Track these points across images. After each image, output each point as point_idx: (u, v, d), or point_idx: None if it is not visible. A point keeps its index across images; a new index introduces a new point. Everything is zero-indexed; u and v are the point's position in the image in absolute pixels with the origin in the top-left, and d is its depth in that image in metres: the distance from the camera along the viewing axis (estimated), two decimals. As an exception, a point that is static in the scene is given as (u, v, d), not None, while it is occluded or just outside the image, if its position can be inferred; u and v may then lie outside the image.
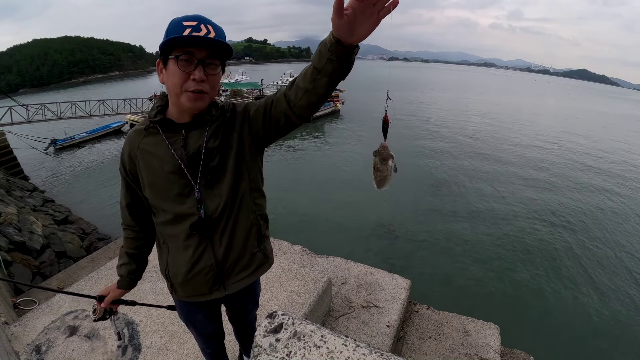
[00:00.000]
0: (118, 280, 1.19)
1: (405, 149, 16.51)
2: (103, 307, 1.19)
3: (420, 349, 2.20)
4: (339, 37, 0.73)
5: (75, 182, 12.78)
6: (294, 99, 0.87)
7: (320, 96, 0.85)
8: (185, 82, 0.87)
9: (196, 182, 0.96)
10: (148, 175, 0.98)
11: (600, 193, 12.77)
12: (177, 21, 0.87)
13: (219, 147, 0.97)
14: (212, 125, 0.97)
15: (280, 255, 2.89)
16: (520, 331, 5.49)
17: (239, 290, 1.10)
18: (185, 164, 0.95)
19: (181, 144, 0.95)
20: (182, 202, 0.97)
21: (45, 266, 5.65)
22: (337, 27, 0.71)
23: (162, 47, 0.87)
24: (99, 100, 18.30)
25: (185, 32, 0.84)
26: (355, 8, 0.68)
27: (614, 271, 7.79)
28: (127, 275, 1.17)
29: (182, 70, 0.86)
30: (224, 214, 0.99)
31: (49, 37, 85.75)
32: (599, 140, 23.33)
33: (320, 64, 0.78)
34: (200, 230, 0.98)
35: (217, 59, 0.90)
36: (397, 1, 0.67)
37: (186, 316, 1.25)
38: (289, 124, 0.94)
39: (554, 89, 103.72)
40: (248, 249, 1.07)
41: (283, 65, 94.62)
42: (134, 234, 1.14)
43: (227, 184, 0.98)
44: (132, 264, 1.17)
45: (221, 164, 0.97)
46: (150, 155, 0.97)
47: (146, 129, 0.98)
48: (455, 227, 9.37)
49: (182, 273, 1.04)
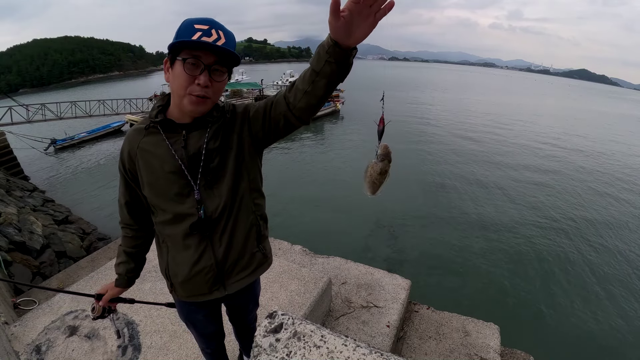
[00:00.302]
0: (116, 278, 1.19)
1: (406, 149, 16.51)
2: (101, 306, 1.19)
3: (420, 349, 2.20)
4: (336, 39, 0.73)
5: (75, 182, 12.77)
6: (294, 101, 0.88)
7: (319, 98, 0.85)
8: (189, 85, 0.87)
9: (196, 182, 0.97)
10: (147, 175, 0.98)
11: (602, 195, 12.76)
12: (189, 23, 0.87)
13: (219, 148, 0.97)
14: (212, 126, 0.98)
15: (280, 255, 2.89)
16: (520, 331, 5.49)
17: (239, 290, 1.11)
18: (185, 164, 0.95)
19: (182, 144, 0.95)
20: (182, 202, 0.98)
21: (45, 266, 5.65)
22: (334, 29, 0.72)
23: (171, 48, 0.88)
24: (99, 100, 18.30)
25: (195, 36, 0.84)
26: (352, 10, 0.68)
27: (615, 272, 7.79)
28: (125, 273, 1.17)
29: (188, 73, 0.86)
30: (224, 214, 1.00)
31: (49, 37, 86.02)
32: (600, 141, 23.32)
33: (318, 66, 0.79)
34: (200, 231, 0.99)
35: (224, 66, 0.90)
36: (393, 3, 0.67)
37: (186, 316, 1.26)
38: (288, 126, 0.94)
39: (554, 89, 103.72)
40: (248, 249, 1.08)
41: (283, 65, 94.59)
42: (132, 233, 1.14)
43: (226, 185, 0.98)
44: (131, 262, 1.17)
45: (221, 164, 0.98)
46: (150, 154, 0.97)
47: (146, 128, 0.98)
48: (456, 228, 9.36)
49: (182, 273, 1.04)
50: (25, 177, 12.69)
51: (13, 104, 14.69)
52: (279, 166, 14.33)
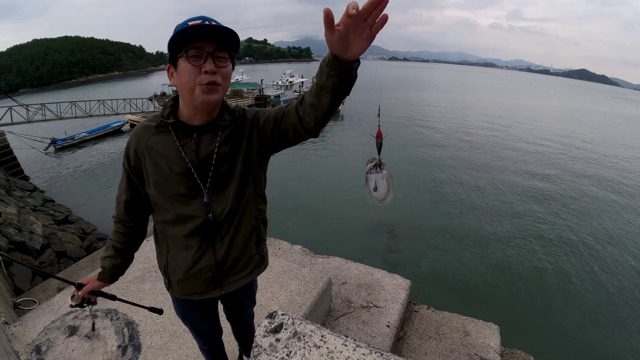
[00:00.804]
0: (100, 272, 1.16)
1: (406, 150, 16.52)
2: (80, 296, 1.16)
3: (420, 349, 2.20)
4: (334, 52, 0.74)
5: (75, 182, 12.77)
6: (303, 114, 0.90)
7: (324, 113, 0.87)
8: (197, 76, 0.88)
9: (205, 186, 0.98)
10: (154, 174, 0.98)
11: (606, 194, 12.75)
12: (182, 23, 0.88)
13: (228, 154, 0.99)
14: (224, 131, 0.99)
15: (280, 255, 2.89)
16: (520, 331, 5.49)
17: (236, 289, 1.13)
18: (195, 167, 0.96)
19: (193, 147, 0.96)
20: (187, 204, 0.99)
21: (45, 266, 5.65)
22: (331, 43, 0.72)
23: (171, 47, 0.89)
24: (99, 100, 18.30)
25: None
26: (347, 24, 0.68)
27: (615, 272, 7.78)
28: (110, 268, 1.14)
29: (193, 64, 0.87)
30: (228, 218, 1.02)
31: (49, 37, 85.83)
32: (603, 142, 23.26)
33: (321, 80, 0.81)
34: (205, 232, 1.01)
35: (225, 51, 0.91)
36: (386, 17, 0.67)
37: (182, 313, 1.27)
38: (297, 137, 0.97)
39: (554, 89, 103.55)
40: (247, 252, 1.10)
41: (283, 65, 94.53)
42: (125, 229, 1.12)
43: (233, 189, 1.00)
44: (118, 258, 1.14)
45: (229, 169, 1.00)
46: (158, 154, 0.97)
47: (157, 127, 0.98)
48: (456, 228, 9.36)
49: (181, 271, 1.05)
50: (25, 177, 12.69)
51: (13, 104, 14.68)
52: (280, 166, 14.33)
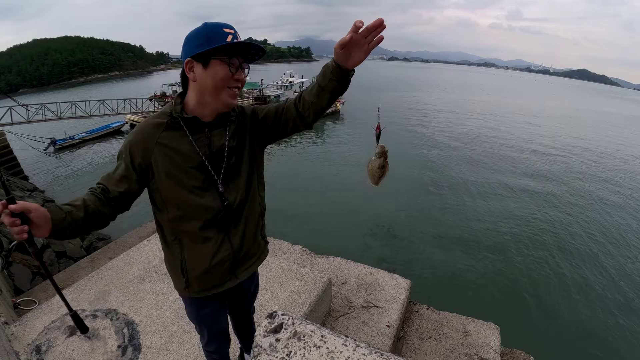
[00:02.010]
0: (52, 208, 0.84)
1: (406, 150, 16.52)
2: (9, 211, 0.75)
3: (420, 349, 2.20)
4: (338, 62, 0.94)
5: (75, 182, 12.77)
6: (302, 110, 1.07)
7: (322, 108, 1.06)
8: (229, 81, 0.99)
9: (219, 177, 1.06)
10: (166, 169, 1.00)
11: (606, 194, 12.76)
12: (217, 27, 0.95)
13: (236, 147, 1.09)
14: (231, 125, 1.09)
15: (280, 255, 2.89)
16: (520, 331, 5.49)
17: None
18: (208, 160, 1.03)
19: (205, 142, 1.03)
20: (201, 196, 1.04)
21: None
22: (337, 55, 0.93)
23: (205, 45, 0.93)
24: (99, 100, 18.33)
25: (229, 39, 0.95)
26: (354, 39, 0.89)
27: (615, 273, 7.79)
28: (68, 212, 0.86)
29: (232, 71, 0.98)
30: (240, 207, 1.11)
31: (49, 37, 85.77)
32: (604, 142, 23.27)
33: (324, 82, 1.00)
34: (220, 223, 1.07)
35: (248, 63, 1.04)
36: (382, 37, 0.89)
37: (198, 314, 1.26)
38: (294, 128, 1.13)
39: (555, 89, 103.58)
40: (257, 238, 1.21)
41: (283, 65, 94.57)
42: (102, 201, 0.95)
43: (242, 180, 1.11)
44: (81, 212, 0.88)
45: (238, 161, 1.10)
46: (171, 150, 1.00)
47: (168, 123, 1.02)
48: (456, 228, 9.37)
49: (202, 265, 1.09)
50: (25, 177, 12.70)
51: (13, 104, 14.69)
52: (280, 166, 14.34)
